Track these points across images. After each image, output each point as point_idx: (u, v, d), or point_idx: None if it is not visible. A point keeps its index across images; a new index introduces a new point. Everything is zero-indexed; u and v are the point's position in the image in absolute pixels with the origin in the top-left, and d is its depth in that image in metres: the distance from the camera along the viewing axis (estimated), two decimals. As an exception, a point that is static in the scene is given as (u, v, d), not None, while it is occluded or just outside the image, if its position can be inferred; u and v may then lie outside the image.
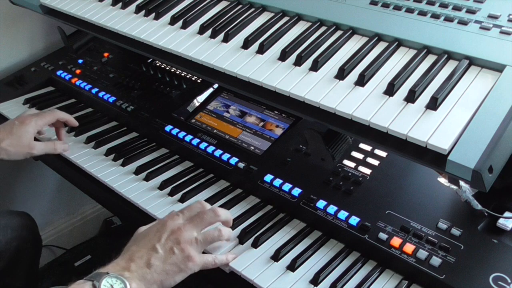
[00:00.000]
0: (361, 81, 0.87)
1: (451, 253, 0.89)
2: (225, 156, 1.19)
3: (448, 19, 0.91)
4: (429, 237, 0.92)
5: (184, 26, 1.12)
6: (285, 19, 1.07)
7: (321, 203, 1.02)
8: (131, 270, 0.83)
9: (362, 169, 1.08)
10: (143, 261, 0.85)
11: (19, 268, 1.30)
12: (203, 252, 0.93)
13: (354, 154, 1.12)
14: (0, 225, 1.28)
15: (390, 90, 0.84)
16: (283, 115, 1.29)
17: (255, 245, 0.98)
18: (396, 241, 0.92)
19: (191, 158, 1.25)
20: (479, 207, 0.95)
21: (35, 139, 1.27)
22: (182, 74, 1.53)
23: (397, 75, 0.86)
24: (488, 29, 0.87)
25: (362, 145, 1.13)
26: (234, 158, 1.18)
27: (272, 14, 1.10)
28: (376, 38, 0.95)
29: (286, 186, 1.08)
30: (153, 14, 1.18)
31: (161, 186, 1.15)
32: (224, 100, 1.39)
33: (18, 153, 1.22)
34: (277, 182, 1.09)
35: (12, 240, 1.27)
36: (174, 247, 0.87)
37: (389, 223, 0.96)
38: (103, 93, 1.49)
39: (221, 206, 1.08)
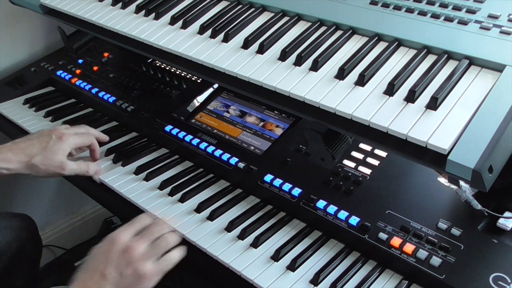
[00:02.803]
0: (361, 81, 0.87)
1: (451, 253, 0.89)
2: (225, 156, 1.19)
3: (448, 19, 0.91)
4: (429, 237, 0.92)
5: (184, 26, 1.12)
6: (285, 19, 1.07)
7: (321, 203, 1.02)
8: None
9: (362, 169, 1.08)
10: None
11: (19, 269, 1.30)
12: None
13: (354, 154, 1.12)
14: (1, 226, 1.27)
15: (390, 90, 0.84)
16: (283, 115, 1.29)
17: (255, 245, 0.98)
18: (396, 241, 0.92)
19: (191, 158, 1.25)
20: (479, 207, 0.95)
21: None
22: (182, 74, 1.53)
23: (397, 75, 0.86)
24: (488, 29, 0.87)
25: (362, 145, 1.13)
26: (234, 158, 1.18)
27: (272, 14, 1.09)
28: (376, 38, 0.95)
29: (286, 186, 1.08)
30: (153, 14, 1.18)
31: (161, 186, 1.15)
32: (224, 100, 1.39)
33: (48, 171, 1.13)
34: (277, 182, 1.09)
35: (12, 241, 1.27)
36: (125, 270, 0.84)
37: (389, 223, 0.96)
38: (103, 93, 1.49)
39: (221, 206, 1.08)
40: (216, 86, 1.43)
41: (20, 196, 1.90)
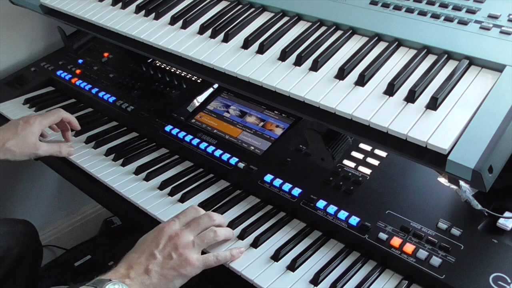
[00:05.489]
0: (361, 81, 0.87)
1: (451, 253, 0.89)
2: (225, 156, 1.19)
3: (448, 19, 0.91)
4: (429, 237, 0.92)
5: (184, 26, 1.12)
6: (285, 19, 1.07)
7: (321, 203, 1.02)
8: (131, 277, 0.84)
9: (362, 169, 1.08)
10: (142, 268, 0.86)
11: (19, 275, 1.31)
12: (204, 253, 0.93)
13: (354, 154, 1.12)
14: (2, 231, 1.28)
15: (390, 90, 0.84)
16: (283, 115, 1.29)
17: (255, 245, 0.98)
18: (396, 241, 0.92)
19: (191, 158, 1.25)
20: (479, 207, 0.95)
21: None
22: (182, 74, 1.53)
23: (397, 75, 0.86)
24: (488, 29, 0.87)
25: (362, 145, 1.13)
26: (234, 158, 1.18)
27: (272, 14, 1.09)
28: (376, 38, 0.95)
29: (286, 186, 1.08)
30: (153, 14, 1.18)
31: (161, 186, 1.15)
32: (224, 100, 1.39)
33: (23, 153, 1.21)
34: (277, 182, 1.09)
35: (13, 247, 1.28)
36: (172, 252, 0.88)
37: (389, 223, 0.96)
38: (103, 93, 1.49)
39: (221, 206, 1.09)
40: (216, 86, 1.43)
41: (20, 196, 1.89)
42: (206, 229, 0.95)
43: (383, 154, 1.11)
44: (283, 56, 0.97)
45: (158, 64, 1.59)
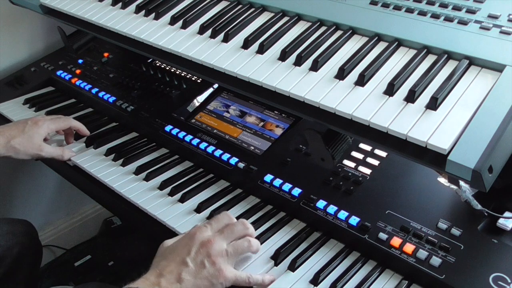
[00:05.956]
0: (361, 81, 0.87)
1: (451, 253, 0.89)
2: (225, 156, 1.19)
3: (448, 19, 0.91)
4: (429, 237, 0.92)
5: (184, 26, 1.12)
6: (285, 19, 1.07)
7: (321, 203, 1.02)
8: (162, 286, 0.81)
9: (362, 169, 1.08)
10: (174, 276, 0.82)
11: (19, 274, 1.31)
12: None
13: (354, 154, 1.12)
14: (2, 231, 1.28)
15: (390, 90, 0.84)
16: (283, 115, 1.29)
17: (255, 245, 0.98)
18: (396, 241, 0.92)
19: (191, 158, 1.25)
20: (479, 207, 0.95)
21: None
22: (182, 74, 1.53)
23: (397, 75, 0.86)
24: (488, 29, 0.87)
25: (362, 145, 1.14)
26: (234, 158, 1.18)
27: (272, 14, 1.10)
28: (376, 38, 0.95)
29: (286, 186, 1.08)
30: (153, 14, 1.18)
31: (161, 186, 1.15)
32: (224, 100, 1.39)
33: (27, 152, 1.22)
34: (277, 182, 1.09)
35: (13, 247, 1.28)
36: (205, 260, 0.84)
37: (389, 223, 0.96)
38: (103, 93, 1.49)
39: (221, 206, 1.08)
40: (216, 86, 1.43)
41: (20, 196, 1.89)
42: (240, 238, 0.91)
43: (383, 154, 1.11)
44: (283, 56, 0.97)
45: (158, 64, 1.60)
